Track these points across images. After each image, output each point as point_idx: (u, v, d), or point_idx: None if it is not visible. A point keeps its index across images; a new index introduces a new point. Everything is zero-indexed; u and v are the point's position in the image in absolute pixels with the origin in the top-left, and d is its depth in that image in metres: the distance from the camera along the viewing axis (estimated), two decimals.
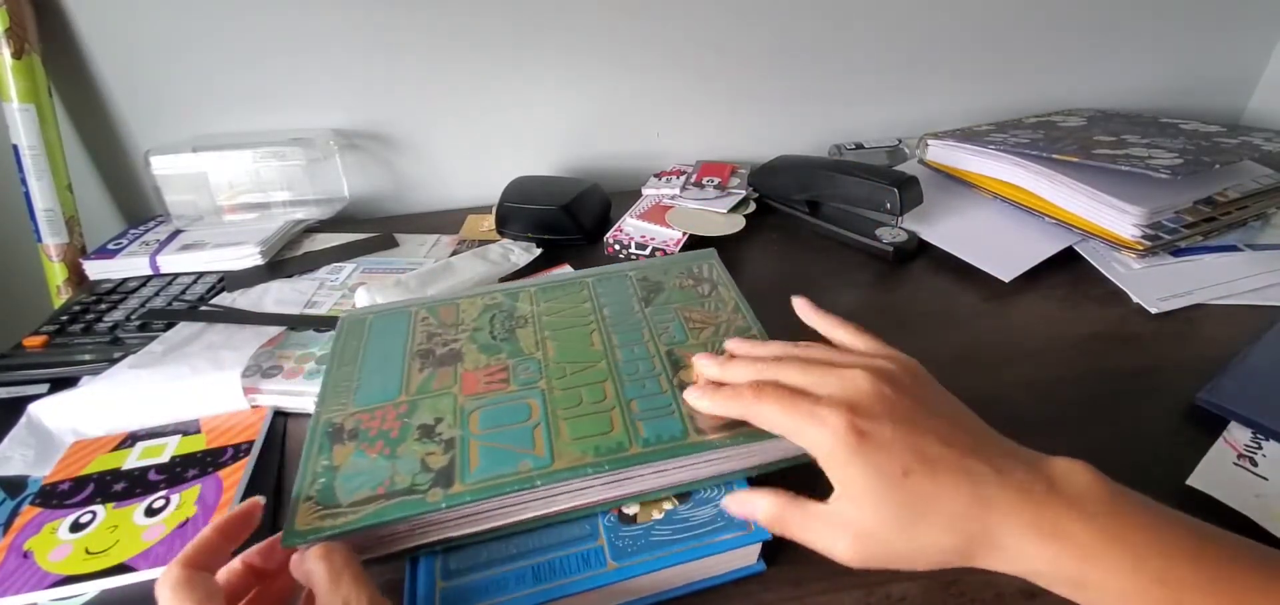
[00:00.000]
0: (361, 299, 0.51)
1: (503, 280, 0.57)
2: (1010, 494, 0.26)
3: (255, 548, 0.30)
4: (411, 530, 0.30)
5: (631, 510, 0.33)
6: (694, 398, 0.33)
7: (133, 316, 0.55)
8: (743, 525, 0.32)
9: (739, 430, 0.32)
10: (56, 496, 0.38)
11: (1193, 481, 0.37)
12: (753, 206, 0.70)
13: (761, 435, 0.32)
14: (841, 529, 0.27)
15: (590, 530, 0.32)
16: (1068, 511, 0.25)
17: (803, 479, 0.31)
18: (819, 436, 0.28)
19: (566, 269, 0.54)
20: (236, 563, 0.29)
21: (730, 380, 0.33)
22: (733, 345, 0.37)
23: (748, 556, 0.33)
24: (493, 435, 0.33)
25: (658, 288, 0.45)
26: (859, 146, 0.83)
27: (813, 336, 0.36)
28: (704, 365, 0.35)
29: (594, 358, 0.38)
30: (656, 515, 0.33)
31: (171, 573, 0.26)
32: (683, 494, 0.34)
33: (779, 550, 0.33)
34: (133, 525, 0.36)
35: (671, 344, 0.39)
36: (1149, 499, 0.26)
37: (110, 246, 0.65)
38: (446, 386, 0.36)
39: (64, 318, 0.55)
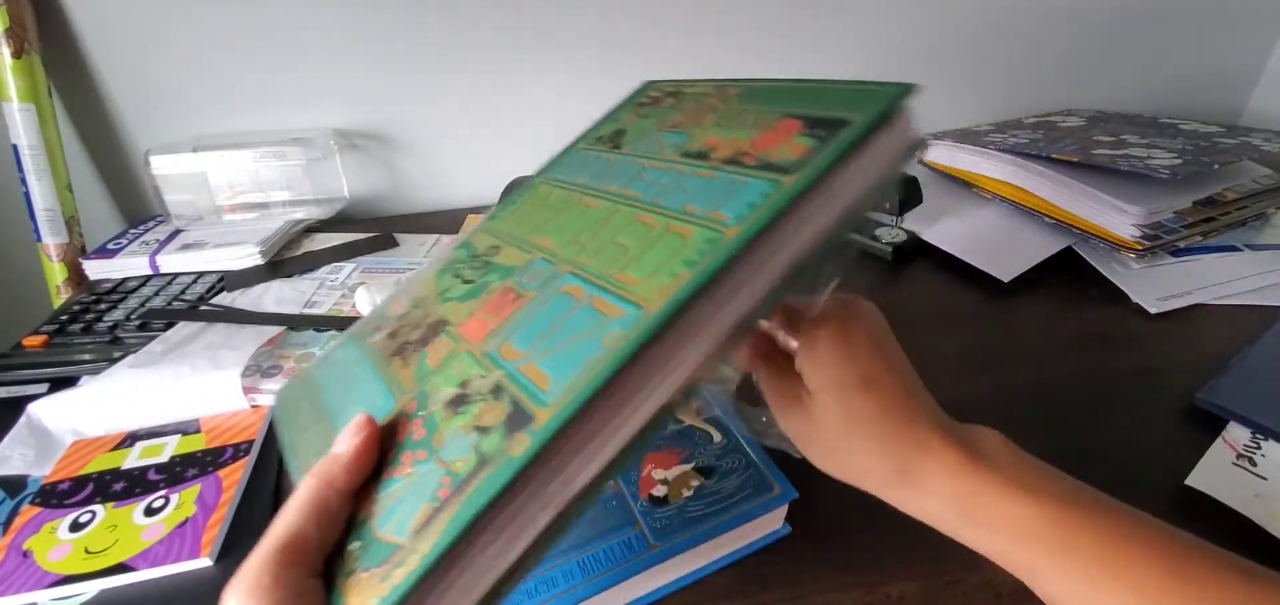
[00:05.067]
0: (361, 299, 0.51)
1: None
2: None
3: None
4: (512, 520, 0.21)
5: (661, 492, 0.34)
6: None
7: (132, 316, 0.55)
8: (768, 490, 0.34)
9: (830, 141, 0.24)
10: (56, 496, 0.38)
11: (1191, 481, 0.37)
12: None
13: (850, 140, 0.23)
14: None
15: (627, 517, 0.33)
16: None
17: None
18: None
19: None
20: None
21: None
22: None
23: (775, 521, 0.34)
24: (545, 343, 0.24)
25: (618, 134, 0.35)
26: None
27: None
28: None
29: (604, 214, 0.29)
30: (686, 494, 0.34)
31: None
32: (707, 470, 0.35)
33: (802, 514, 0.35)
34: (132, 525, 0.36)
35: (679, 149, 0.30)
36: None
37: (110, 246, 0.65)
38: (449, 353, 0.27)
39: (64, 317, 0.55)
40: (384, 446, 0.24)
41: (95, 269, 0.63)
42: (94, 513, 0.37)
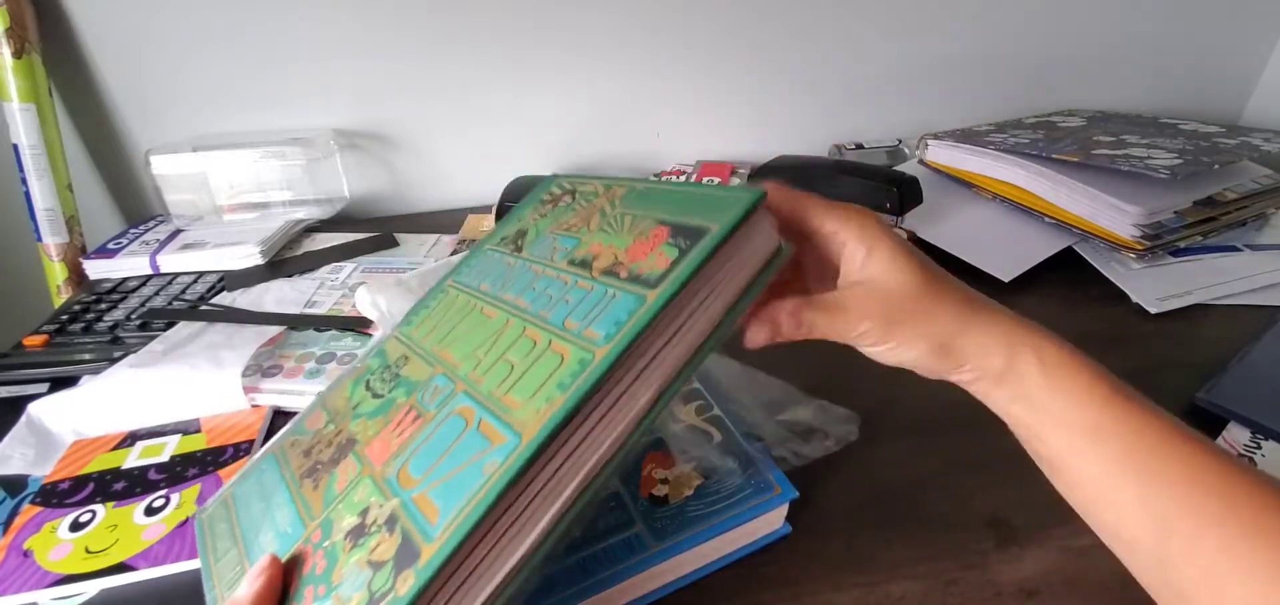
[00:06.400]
0: (361, 299, 0.51)
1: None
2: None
3: None
4: None
5: (661, 492, 0.34)
6: None
7: (133, 316, 0.55)
8: (769, 489, 0.33)
9: (689, 251, 0.26)
10: (56, 496, 0.38)
11: None
12: None
13: (709, 248, 0.25)
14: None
15: (627, 518, 0.33)
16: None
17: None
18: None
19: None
20: None
21: None
22: None
23: (775, 520, 0.34)
24: (437, 471, 0.25)
25: (521, 234, 0.37)
26: (859, 146, 0.83)
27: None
28: None
29: (499, 326, 0.30)
30: (687, 493, 0.34)
31: None
32: (708, 470, 0.35)
33: (802, 514, 0.35)
34: (132, 524, 0.36)
35: (567, 256, 0.31)
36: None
37: (110, 246, 0.65)
38: (355, 475, 0.28)
39: (64, 317, 0.55)
40: (289, 580, 0.25)
41: (95, 269, 0.63)
42: (94, 512, 0.37)
